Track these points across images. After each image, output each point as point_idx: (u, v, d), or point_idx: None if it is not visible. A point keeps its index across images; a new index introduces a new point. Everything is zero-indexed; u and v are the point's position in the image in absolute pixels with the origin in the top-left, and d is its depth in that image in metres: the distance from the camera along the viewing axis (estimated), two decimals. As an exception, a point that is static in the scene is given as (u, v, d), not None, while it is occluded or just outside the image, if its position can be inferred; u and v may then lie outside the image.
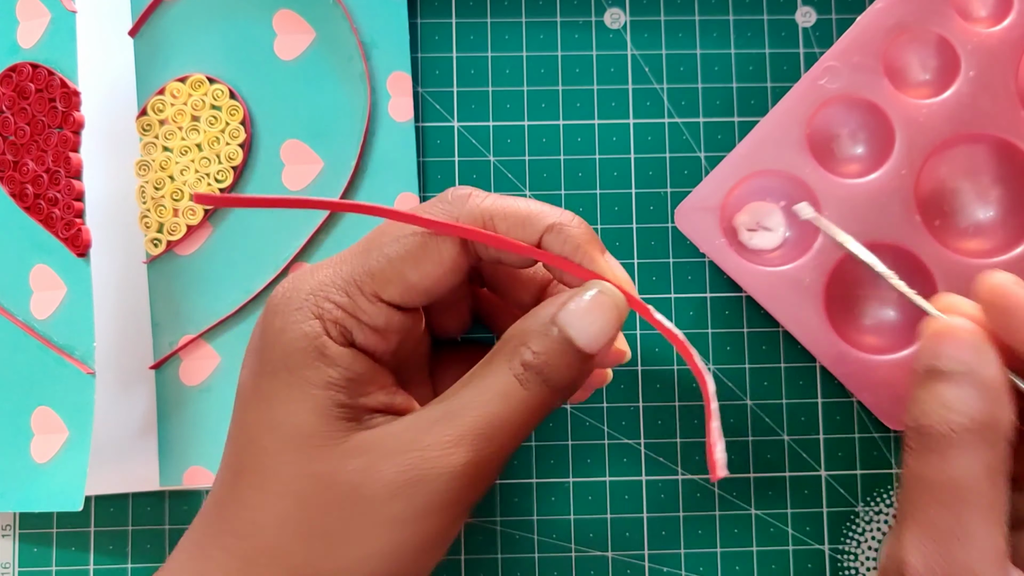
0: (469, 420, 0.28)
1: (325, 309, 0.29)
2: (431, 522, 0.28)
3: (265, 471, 0.28)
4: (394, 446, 0.28)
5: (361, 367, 0.29)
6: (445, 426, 0.28)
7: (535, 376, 0.28)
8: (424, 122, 0.40)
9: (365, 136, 0.39)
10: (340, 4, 0.39)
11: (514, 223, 0.29)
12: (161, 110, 0.39)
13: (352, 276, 0.29)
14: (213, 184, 0.39)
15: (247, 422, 0.29)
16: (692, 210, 0.38)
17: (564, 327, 0.29)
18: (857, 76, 0.37)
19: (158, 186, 0.39)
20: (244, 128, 0.39)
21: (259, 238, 0.39)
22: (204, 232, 0.39)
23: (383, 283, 0.29)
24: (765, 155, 0.38)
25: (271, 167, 0.39)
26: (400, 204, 0.39)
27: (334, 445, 0.28)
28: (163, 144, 0.39)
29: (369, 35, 0.39)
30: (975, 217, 0.39)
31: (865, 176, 0.37)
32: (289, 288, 0.29)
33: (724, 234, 0.38)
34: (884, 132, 0.38)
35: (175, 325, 0.39)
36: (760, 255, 0.38)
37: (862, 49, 0.37)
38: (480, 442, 0.28)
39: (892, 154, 0.37)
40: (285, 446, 0.28)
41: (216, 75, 0.39)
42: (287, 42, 0.39)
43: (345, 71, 0.39)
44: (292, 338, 0.28)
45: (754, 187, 0.38)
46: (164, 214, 0.39)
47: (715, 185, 0.38)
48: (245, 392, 0.30)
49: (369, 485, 0.27)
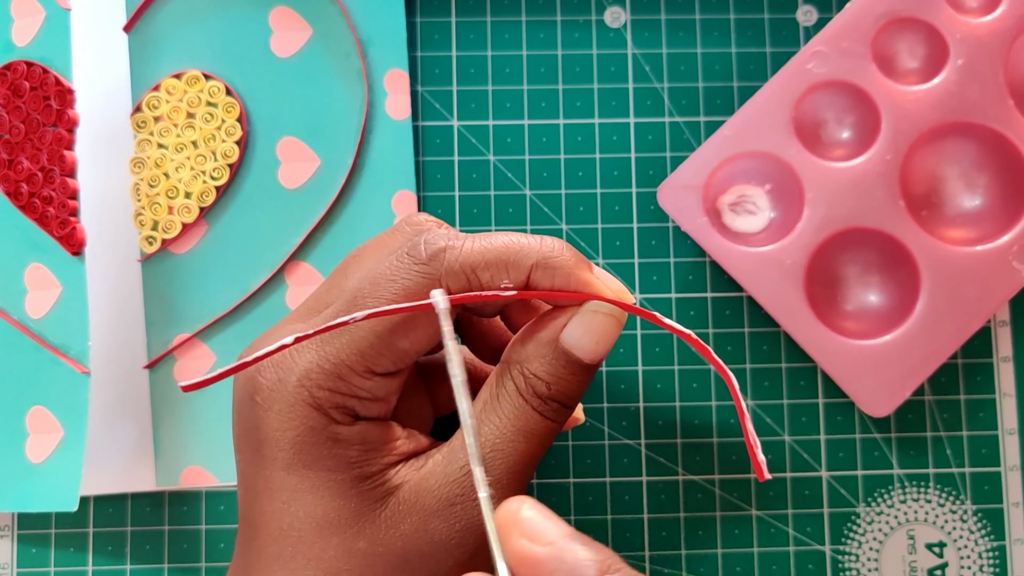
0: (501, 464, 0.28)
1: (321, 398, 0.28)
2: (487, 556, 0.28)
3: (308, 559, 0.28)
4: (435, 505, 0.28)
5: (374, 435, 0.29)
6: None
7: (552, 403, 0.29)
8: (424, 121, 0.40)
9: (362, 134, 0.39)
10: (337, 1, 0.39)
11: (497, 270, 0.28)
12: (156, 107, 0.38)
13: (340, 358, 0.28)
14: (209, 181, 0.38)
15: (269, 512, 0.28)
16: (675, 188, 0.38)
17: (570, 349, 0.29)
18: (845, 61, 0.37)
19: (153, 183, 0.38)
20: (240, 125, 0.39)
21: (255, 237, 0.39)
22: (199, 230, 0.39)
23: (375, 359, 0.28)
24: (751, 136, 0.38)
25: (267, 164, 0.39)
26: (398, 201, 0.39)
27: (374, 518, 0.28)
28: (158, 141, 0.39)
29: (366, 32, 0.39)
30: (961, 205, 0.39)
31: (851, 160, 0.37)
32: (274, 380, 0.28)
33: (707, 213, 0.37)
34: (870, 118, 0.38)
35: (170, 324, 0.39)
36: (744, 237, 0.38)
37: (851, 35, 0.37)
38: (512, 479, 0.28)
39: (878, 139, 0.37)
40: (325, 531, 0.28)
41: (212, 72, 0.39)
42: (283, 39, 0.39)
43: (342, 68, 0.39)
44: (299, 435, 0.28)
45: (739, 169, 0.38)
46: (159, 212, 0.38)
47: (699, 164, 0.38)
48: (255, 483, 0.29)
49: (424, 545, 0.28)
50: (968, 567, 0.39)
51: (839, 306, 0.38)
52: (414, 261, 0.28)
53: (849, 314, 0.38)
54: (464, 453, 0.28)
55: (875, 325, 0.38)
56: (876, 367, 0.37)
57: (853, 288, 0.38)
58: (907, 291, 0.37)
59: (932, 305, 0.37)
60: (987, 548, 0.39)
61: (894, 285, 0.38)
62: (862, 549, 0.39)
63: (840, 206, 0.37)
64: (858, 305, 0.38)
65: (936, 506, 0.39)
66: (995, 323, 0.40)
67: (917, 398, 0.39)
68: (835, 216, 0.37)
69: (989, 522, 0.39)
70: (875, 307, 0.38)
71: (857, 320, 0.38)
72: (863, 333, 0.37)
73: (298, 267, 0.39)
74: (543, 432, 0.29)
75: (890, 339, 0.37)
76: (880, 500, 0.39)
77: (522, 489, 0.29)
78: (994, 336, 0.40)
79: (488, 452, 0.28)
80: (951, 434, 0.39)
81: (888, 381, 0.37)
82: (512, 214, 0.40)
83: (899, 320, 0.37)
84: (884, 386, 0.37)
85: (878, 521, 0.39)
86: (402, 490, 0.28)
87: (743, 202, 0.38)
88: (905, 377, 0.37)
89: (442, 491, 0.28)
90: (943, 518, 0.39)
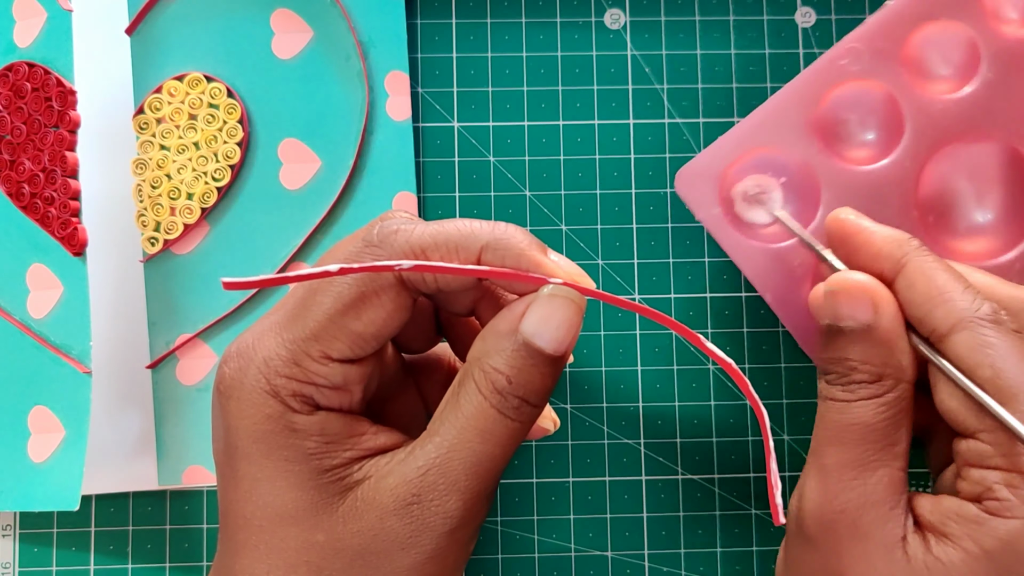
0: (459, 466, 0.28)
1: (279, 385, 0.28)
2: (445, 558, 0.28)
3: (269, 548, 0.28)
4: (391, 503, 0.28)
5: (335, 427, 0.28)
6: (437, 476, 0.27)
7: (513, 399, 0.28)
8: (424, 122, 0.40)
9: (363, 135, 0.39)
10: (338, 3, 0.39)
11: (447, 252, 0.28)
12: (158, 108, 0.39)
13: (295, 343, 0.28)
14: (211, 183, 0.39)
15: (236, 500, 0.29)
16: (693, 176, 0.37)
17: (529, 339, 0.28)
18: (877, 61, 0.37)
19: (155, 185, 0.39)
20: (242, 127, 0.39)
21: (256, 237, 0.39)
22: (201, 231, 0.39)
23: (329, 342, 0.28)
24: (773, 130, 0.37)
25: (269, 166, 0.39)
26: (398, 202, 0.39)
27: (332, 511, 0.28)
28: (160, 143, 0.39)
29: (367, 34, 0.39)
30: (972, 219, 0.38)
31: (869, 164, 0.37)
32: (236, 369, 0.28)
33: (721, 204, 0.37)
34: (894, 122, 0.37)
35: (172, 324, 0.39)
36: (754, 229, 0.38)
37: (888, 35, 0.37)
38: (472, 481, 0.28)
39: (899, 145, 0.37)
40: (283, 522, 0.28)
41: (214, 73, 0.39)
42: (285, 41, 0.39)
43: (343, 70, 0.39)
44: (255, 423, 0.28)
45: (757, 161, 0.38)
46: (161, 213, 0.39)
47: (719, 154, 0.37)
48: (224, 471, 0.29)
49: (378, 543, 0.27)
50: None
51: None
52: (366, 244, 0.28)
53: None
54: (423, 455, 0.28)
55: None
56: None
57: None
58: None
59: None
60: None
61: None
62: (861, 548, 0.39)
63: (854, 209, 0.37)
64: None
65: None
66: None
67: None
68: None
69: (988, 522, 0.39)
70: None
71: None
72: None
73: (299, 268, 0.39)
74: (504, 432, 0.28)
75: None
76: (879, 499, 0.39)
77: (485, 493, 0.28)
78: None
79: (445, 453, 0.28)
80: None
81: None
82: (512, 215, 0.40)
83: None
84: None
85: (877, 520, 0.39)
86: (363, 486, 0.28)
87: (757, 193, 0.38)
88: None
89: (399, 490, 0.28)
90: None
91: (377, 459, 0.29)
